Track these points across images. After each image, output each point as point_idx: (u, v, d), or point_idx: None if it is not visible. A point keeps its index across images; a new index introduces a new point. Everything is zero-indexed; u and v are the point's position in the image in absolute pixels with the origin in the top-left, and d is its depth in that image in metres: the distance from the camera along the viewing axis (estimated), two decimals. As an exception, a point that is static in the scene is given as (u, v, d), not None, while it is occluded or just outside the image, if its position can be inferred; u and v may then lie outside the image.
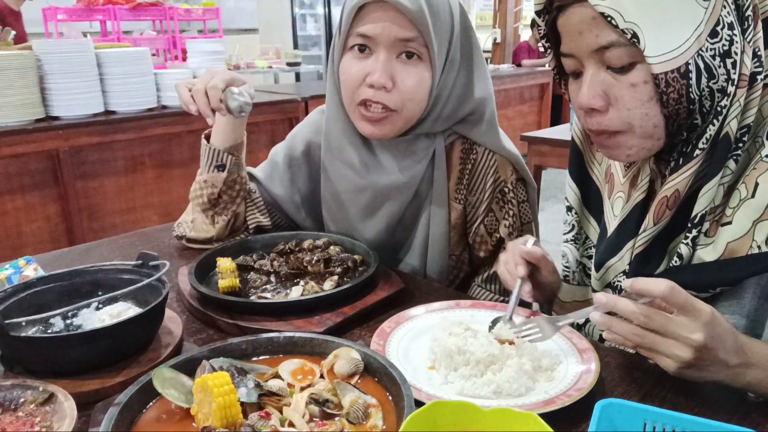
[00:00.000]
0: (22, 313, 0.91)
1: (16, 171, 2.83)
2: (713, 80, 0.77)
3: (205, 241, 1.34)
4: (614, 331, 0.75)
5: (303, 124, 1.43)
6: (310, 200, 1.40)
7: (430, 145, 1.23)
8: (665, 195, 0.84)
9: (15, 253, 2.35)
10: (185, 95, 1.20)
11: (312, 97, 3.87)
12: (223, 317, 1.00)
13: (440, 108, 1.20)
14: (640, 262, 0.89)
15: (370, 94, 1.13)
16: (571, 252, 1.07)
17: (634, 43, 0.76)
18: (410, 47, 1.11)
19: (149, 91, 3.25)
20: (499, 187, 1.24)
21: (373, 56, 1.12)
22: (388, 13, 1.09)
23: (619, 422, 0.62)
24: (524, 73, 6.36)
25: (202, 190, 1.31)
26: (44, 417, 0.73)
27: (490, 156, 1.24)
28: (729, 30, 0.77)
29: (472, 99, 1.22)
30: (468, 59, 1.21)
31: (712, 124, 0.79)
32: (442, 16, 1.13)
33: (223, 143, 1.31)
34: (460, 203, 1.26)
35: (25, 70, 2.82)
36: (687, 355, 0.71)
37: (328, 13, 9.25)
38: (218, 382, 0.69)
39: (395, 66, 1.12)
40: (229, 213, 1.33)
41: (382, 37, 1.10)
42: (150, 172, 3.28)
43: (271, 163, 1.40)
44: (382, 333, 0.94)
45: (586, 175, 1.06)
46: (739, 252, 0.80)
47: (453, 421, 0.61)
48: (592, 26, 0.79)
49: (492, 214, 1.25)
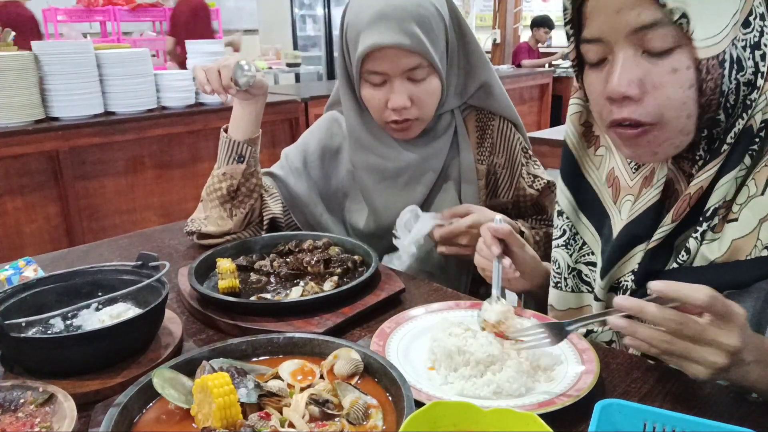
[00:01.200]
0: (22, 313, 0.91)
1: (16, 171, 2.84)
2: (741, 72, 0.74)
3: (220, 235, 1.34)
4: (639, 338, 0.70)
5: (315, 130, 1.49)
6: (325, 199, 1.46)
7: (450, 122, 1.39)
8: (689, 192, 0.80)
9: (15, 254, 2.35)
10: (201, 76, 1.29)
11: (312, 98, 3.87)
12: (223, 318, 1.00)
13: (451, 94, 1.36)
14: (649, 257, 0.86)
15: (396, 116, 1.30)
16: (563, 258, 1.02)
17: (681, 24, 0.71)
18: (417, 72, 1.26)
19: (149, 92, 3.25)
20: (522, 146, 1.42)
21: (388, 84, 1.28)
22: (392, 51, 1.23)
23: (619, 422, 0.62)
24: (524, 74, 6.35)
25: (221, 183, 1.33)
26: (44, 417, 0.73)
27: (508, 123, 1.41)
28: (761, 21, 0.74)
29: (477, 76, 1.37)
30: (463, 42, 1.35)
31: (741, 118, 0.76)
32: (436, 27, 1.26)
33: (242, 135, 1.35)
34: (483, 164, 1.41)
35: (25, 71, 2.82)
36: (722, 360, 0.68)
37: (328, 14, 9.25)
38: (218, 383, 0.69)
39: (409, 87, 1.28)
40: (246, 206, 1.35)
41: (393, 70, 1.25)
42: (150, 172, 3.28)
43: (287, 162, 1.46)
44: (382, 333, 0.94)
45: (580, 179, 1.01)
46: (744, 250, 0.78)
47: (453, 421, 0.61)
48: (635, 3, 0.73)
49: (522, 166, 1.41)
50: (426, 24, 1.23)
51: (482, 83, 1.37)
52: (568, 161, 1.01)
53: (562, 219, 1.02)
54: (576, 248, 1.02)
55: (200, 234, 1.35)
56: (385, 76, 1.26)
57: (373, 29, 1.21)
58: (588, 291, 1.01)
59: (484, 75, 1.37)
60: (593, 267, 0.99)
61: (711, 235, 0.81)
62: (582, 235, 1.02)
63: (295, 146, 1.48)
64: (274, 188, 1.42)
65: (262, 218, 1.39)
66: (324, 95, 4.01)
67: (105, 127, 3.04)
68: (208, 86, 1.28)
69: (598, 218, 0.99)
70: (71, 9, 6.50)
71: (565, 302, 1.03)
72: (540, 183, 1.41)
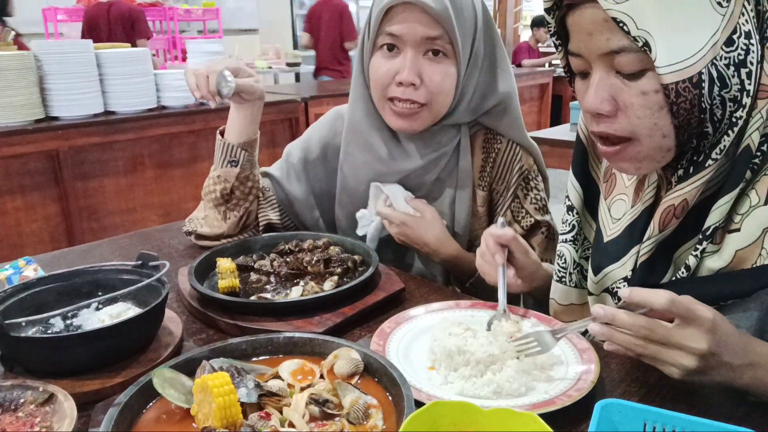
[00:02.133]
0: (22, 313, 0.91)
1: (16, 171, 2.84)
2: (726, 89, 0.74)
3: (215, 237, 1.34)
4: (616, 342, 0.74)
5: (319, 126, 1.45)
6: (324, 201, 1.43)
7: (455, 136, 1.29)
8: (672, 204, 0.81)
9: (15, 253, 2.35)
10: (192, 81, 1.25)
11: (312, 97, 3.86)
12: (223, 317, 1.00)
13: (467, 101, 1.26)
14: (645, 270, 0.86)
15: (399, 92, 1.18)
16: (570, 252, 1.02)
17: (645, 51, 0.73)
18: (436, 45, 1.16)
19: (149, 91, 3.25)
20: (523, 175, 1.29)
21: (401, 55, 1.18)
22: (414, 14, 1.14)
23: (619, 422, 0.62)
24: (524, 73, 6.35)
25: (215, 185, 1.33)
26: (44, 417, 0.73)
27: (515, 146, 1.30)
28: (746, 39, 0.74)
29: (497, 92, 1.27)
30: (491, 54, 1.26)
31: (727, 135, 0.76)
32: (466, 13, 1.17)
33: (237, 139, 1.33)
34: (485, 190, 1.31)
35: (25, 71, 2.82)
36: (692, 363, 0.70)
37: (328, 14, 9.22)
38: (218, 383, 0.69)
39: (422, 63, 1.17)
40: (241, 210, 1.34)
41: (409, 36, 1.15)
42: (150, 172, 3.28)
43: (286, 162, 1.43)
44: (382, 333, 0.94)
45: (588, 174, 1.02)
46: (748, 260, 0.78)
47: (453, 421, 0.61)
48: (603, 28, 0.75)
49: (518, 200, 1.30)
50: (458, 4, 1.15)
51: (501, 100, 1.27)
52: (579, 155, 1.02)
53: (571, 214, 1.03)
54: (580, 243, 1.03)
55: (197, 234, 1.36)
56: (400, 43, 1.17)
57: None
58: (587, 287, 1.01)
59: (505, 91, 1.28)
60: None
61: (711, 247, 0.81)
62: (585, 231, 1.02)
63: (297, 143, 1.46)
64: (270, 190, 1.41)
65: (258, 222, 1.38)
66: (324, 95, 4.01)
67: (105, 127, 3.04)
68: (198, 92, 1.25)
69: (596, 214, 1.00)
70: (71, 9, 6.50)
71: (567, 297, 1.03)
72: (528, 221, 1.29)
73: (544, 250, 1.29)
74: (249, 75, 1.29)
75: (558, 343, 0.86)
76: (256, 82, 1.30)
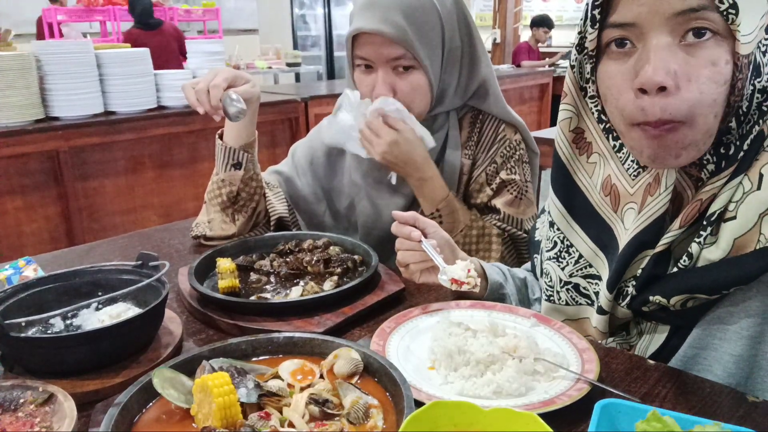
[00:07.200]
0: (22, 313, 0.91)
1: (16, 171, 2.84)
2: (758, 78, 0.72)
3: (226, 238, 1.36)
4: None
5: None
6: (329, 196, 1.50)
7: (444, 123, 1.39)
8: (700, 198, 0.78)
9: (15, 253, 2.35)
10: (192, 97, 1.25)
11: (312, 97, 3.87)
12: (223, 317, 1.00)
13: (452, 92, 1.36)
14: (653, 264, 0.84)
15: None
16: (554, 270, 0.98)
17: (728, 15, 0.67)
18: (402, 62, 1.27)
19: (149, 91, 3.26)
20: (504, 143, 1.38)
21: (375, 73, 1.30)
22: (377, 39, 1.25)
23: (619, 422, 0.62)
24: (524, 74, 6.35)
25: (221, 189, 1.34)
26: (44, 417, 0.73)
27: (498, 121, 1.40)
28: None
29: (478, 76, 1.38)
30: (470, 44, 1.36)
31: (758, 124, 0.74)
32: (428, 26, 1.26)
33: (237, 141, 1.34)
34: (469, 158, 1.40)
35: (25, 71, 2.83)
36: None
37: (328, 14, 9.25)
38: (218, 383, 0.69)
39: (393, 78, 1.29)
40: (248, 209, 1.36)
41: (376, 58, 1.28)
42: (150, 172, 3.28)
43: (293, 159, 1.49)
44: (382, 333, 0.94)
45: (573, 188, 0.96)
46: (747, 248, 0.76)
47: (453, 421, 0.61)
48: None
49: (495, 165, 1.38)
50: (414, 16, 1.23)
51: (481, 82, 1.37)
52: (558, 170, 0.97)
53: (553, 230, 0.99)
54: (571, 261, 0.97)
55: (206, 237, 1.37)
56: (372, 63, 1.29)
57: (360, 14, 1.25)
58: (587, 303, 0.96)
59: (483, 74, 1.37)
60: (592, 279, 0.95)
61: (710, 238, 0.79)
62: (576, 246, 0.96)
63: (303, 142, 1.51)
64: (279, 187, 1.44)
65: (269, 218, 1.40)
66: (324, 95, 4.01)
67: (105, 127, 3.04)
68: (201, 108, 1.23)
69: (594, 228, 0.94)
70: (71, 9, 6.50)
71: (559, 315, 1.00)
72: (496, 182, 1.36)
73: (509, 206, 1.37)
74: (246, 81, 1.29)
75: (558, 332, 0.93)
76: (252, 87, 1.30)
